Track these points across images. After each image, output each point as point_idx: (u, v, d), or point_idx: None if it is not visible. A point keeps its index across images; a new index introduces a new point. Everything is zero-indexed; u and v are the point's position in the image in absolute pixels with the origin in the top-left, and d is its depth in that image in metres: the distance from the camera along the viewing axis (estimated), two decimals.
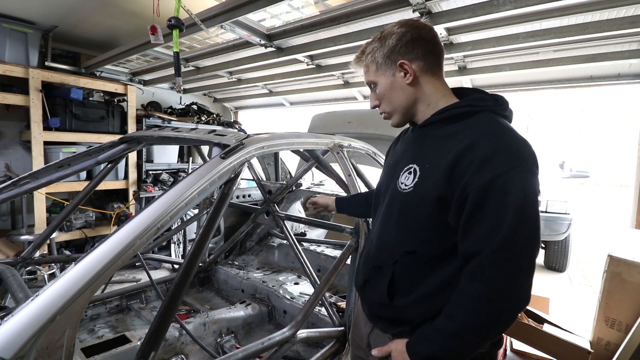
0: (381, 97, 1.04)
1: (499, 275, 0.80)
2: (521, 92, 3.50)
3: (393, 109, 1.04)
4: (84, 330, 1.98)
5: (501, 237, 0.79)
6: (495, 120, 0.92)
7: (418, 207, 0.94)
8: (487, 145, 0.84)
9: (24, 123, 3.67)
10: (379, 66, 1.01)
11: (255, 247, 3.03)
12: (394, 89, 1.01)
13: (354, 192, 1.86)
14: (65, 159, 1.81)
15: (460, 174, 0.85)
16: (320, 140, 1.79)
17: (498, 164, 0.81)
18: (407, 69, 0.97)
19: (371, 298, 1.09)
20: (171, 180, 4.42)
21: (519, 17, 2.10)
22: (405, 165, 1.01)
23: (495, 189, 0.80)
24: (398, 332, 1.02)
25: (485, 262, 0.81)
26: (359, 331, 1.21)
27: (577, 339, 2.24)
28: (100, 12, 3.02)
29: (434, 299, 0.93)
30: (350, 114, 3.06)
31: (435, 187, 0.89)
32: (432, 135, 0.98)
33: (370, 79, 1.04)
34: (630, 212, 2.98)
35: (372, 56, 1.02)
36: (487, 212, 0.81)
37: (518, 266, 0.80)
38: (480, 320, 0.82)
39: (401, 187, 0.98)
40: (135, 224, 0.95)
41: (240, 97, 5.53)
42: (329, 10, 2.30)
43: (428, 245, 0.94)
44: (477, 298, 0.81)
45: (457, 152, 0.86)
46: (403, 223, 0.99)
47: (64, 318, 0.77)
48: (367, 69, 1.05)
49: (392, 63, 0.99)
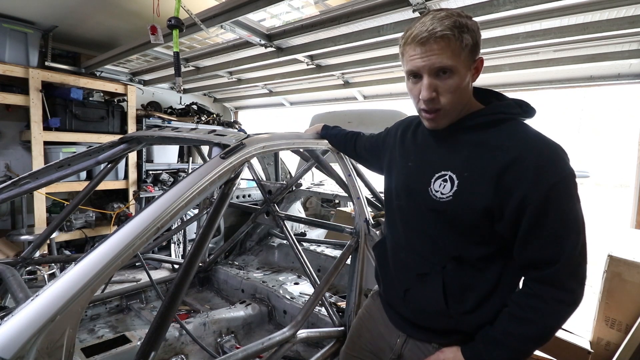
0: (451, 90, 0.88)
1: (575, 283, 0.86)
2: (521, 92, 3.49)
3: (453, 108, 0.92)
4: (84, 330, 1.98)
5: (569, 245, 0.84)
6: (531, 129, 0.92)
7: (461, 216, 0.92)
8: (537, 156, 0.85)
9: (24, 123, 3.67)
10: (466, 54, 0.87)
11: (255, 247, 3.03)
12: (466, 85, 0.91)
13: (354, 192, 1.86)
14: (65, 159, 1.81)
15: (511, 186, 0.85)
16: (320, 140, 1.79)
17: (552, 173, 0.83)
18: (479, 68, 0.92)
19: (417, 307, 1.03)
20: (171, 180, 4.42)
21: (519, 17, 2.10)
22: (435, 171, 0.97)
23: (554, 198, 0.83)
24: (449, 342, 0.99)
25: (562, 271, 0.85)
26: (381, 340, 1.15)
27: (577, 339, 2.24)
28: (100, 12, 3.02)
29: (487, 304, 0.94)
30: (350, 114, 3.07)
31: (482, 198, 0.88)
32: (463, 141, 0.95)
33: (452, 63, 0.86)
34: (630, 212, 2.98)
35: (465, 39, 0.86)
36: (549, 222, 0.84)
37: (583, 271, 0.87)
38: (558, 323, 0.87)
39: (436, 195, 0.95)
40: (135, 224, 0.95)
41: (240, 97, 5.53)
42: (329, 10, 2.30)
43: (472, 248, 0.94)
44: (559, 302, 0.85)
45: (505, 163, 0.86)
46: (444, 230, 0.97)
47: (64, 318, 0.77)
48: (453, 52, 0.85)
49: (474, 56, 0.90)
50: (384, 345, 1.14)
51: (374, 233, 1.73)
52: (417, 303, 1.03)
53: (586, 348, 2.16)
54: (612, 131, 14.68)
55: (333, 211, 4.23)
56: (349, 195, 1.91)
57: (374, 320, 1.20)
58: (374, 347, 1.17)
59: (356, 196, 1.84)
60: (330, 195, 2.89)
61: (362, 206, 1.81)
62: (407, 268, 1.05)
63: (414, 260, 1.04)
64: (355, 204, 1.83)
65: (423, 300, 1.01)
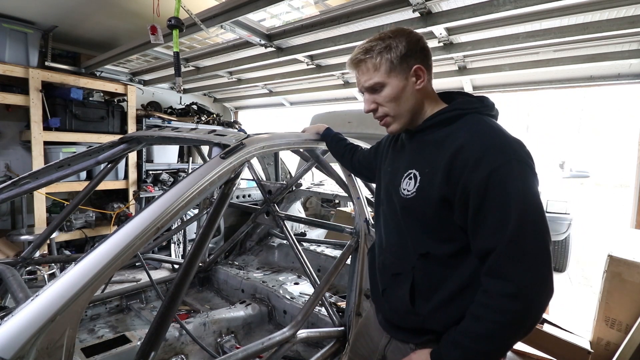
0: (387, 100, 1.00)
1: (517, 269, 0.79)
2: (521, 92, 3.50)
3: (398, 114, 1.01)
4: (84, 330, 1.98)
5: (510, 229, 0.79)
6: (484, 120, 0.95)
7: (424, 210, 0.95)
8: (479, 143, 0.87)
9: (24, 123, 3.67)
10: (393, 67, 0.97)
11: (255, 247, 3.03)
12: (404, 93, 0.99)
13: (354, 192, 1.86)
14: (65, 159, 1.81)
15: (457, 174, 0.87)
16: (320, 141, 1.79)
17: (492, 159, 0.83)
18: (421, 75, 0.98)
19: (392, 307, 1.06)
20: (171, 180, 4.42)
21: (519, 17, 2.10)
22: (404, 171, 1.02)
23: (494, 183, 0.82)
24: (422, 342, 1.00)
25: (501, 258, 0.81)
26: (371, 343, 1.18)
27: (577, 339, 2.24)
28: (100, 12, 3.02)
29: (455, 303, 0.93)
30: (350, 114, 3.06)
31: (437, 189, 0.91)
32: (427, 140, 1.00)
33: (378, 80, 0.98)
34: (630, 212, 2.98)
35: (384, 56, 0.97)
36: (490, 207, 0.83)
37: (533, 256, 0.79)
38: (508, 318, 0.80)
39: (403, 193, 0.99)
40: (135, 224, 0.95)
41: (240, 97, 5.53)
42: (329, 10, 2.30)
43: (440, 245, 0.95)
44: (502, 295, 0.80)
45: (451, 153, 0.89)
46: (412, 227, 1.00)
47: (64, 318, 0.77)
48: (375, 69, 0.98)
49: (407, 67, 0.97)
50: (374, 347, 1.17)
51: (374, 233, 1.73)
52: (391, 303, 1.06)
53: (586, 348, 2.17)
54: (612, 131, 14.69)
55: (333, 211, 4.24)
56: (349, 195, 1.91)
57: (368, 325, 1.24)
58: (368, 350, 1.20)
59: (356, 196, 1.84)
60: (330, 195, 2.89)
61: (362, 206, 1.81)
62: (385, 269, 1.09)
63: (390, 261, 1.07)
64: (355, 204, 1.83)
65: (395, 299, 1.04)
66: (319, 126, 1.76)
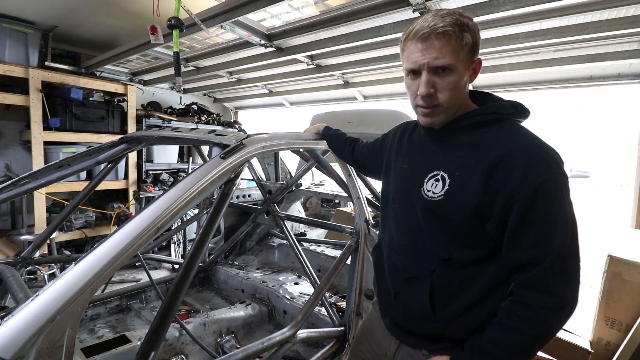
0: (450, 87, 0.89)
1: (562, 284, 0.80)
2: (521, 92, 3.49)
3: (451, 105, 0.92)
4: (84, 330, 1.98)
5: (558, 244, 0.79)
6: (523, 129, 0.92)
7: (452, 215, 0.91)
8: (526, 154, 0.84)
9: (24, 123, 3.67)
10: (466, 53, 0.88)
11: (255, 247, 3.03)
12: (463, 83, 0.91)
13: (354, 192, 1.86)
14: (65, 159, 1.81)
15: (499, 184, 0.84)
16: (320, 140, 1.79)
17: (541, 171, 0.82)
18: (478, 69, 0.94)
19: (406, 311, 1.01)
20: (171, 180, 4.42)
21: (519, 17, 2.10)
22: (428, 171, 0.97)
23: (542, 196, 0.81)
24: (437, 349, 0.98)
25: (547, 272, 0.80)
26: (377, 348, 1.15)
27: (577, 339, 2.24)
28: (100, 12, 3.02)
29: (477, 310, 0.91)
30: (350, 114, 3.06)
31: (471, 196, 0.87)
32: (457, 141, 0.95)
33: (452, 62, 0.87)
34: (630, 212, 2.98)
35: (466, 38, 0.87)
36: (535, 220, 0.81)
37: (574, 272, 0.81)
38: (547, 332, 0.81)
39: (428, 194, 0.94)
40: (135, 224, 0.95)
41: (240, 97, 5.53)
42: (329, 10, 2.30)
43: (463, 251, 0.92)
44: (545, 309, 0.80)
45: (493, 161, 0.85)
46: (435, 231, 0.96)
47: (64, 318, 0.77)
48: (453, 50, 0.86)
49: (473, 57, 0.91)
50: (380, 352, 1.13)
51: (374, 233, 1.73)
52: (406, 307, 1.02)
53: (586, 348, 2.16)
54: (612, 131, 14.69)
55: (333, 211, 4.24)
56: (349, 195, 1.91)
57: (373, 329, 1.20)
58: (373, 355, 1.17)
59: (356, 196, 1.84)
60: (330, 195, 2.89)
61: (362, 206, 1.81)
62: (398, 271, 1.05)
63: (404, 264, 1.03)
64: (355, 204, 1.83)
65: (411, 304, 1.00)
66: (319, 126, 1.76)
